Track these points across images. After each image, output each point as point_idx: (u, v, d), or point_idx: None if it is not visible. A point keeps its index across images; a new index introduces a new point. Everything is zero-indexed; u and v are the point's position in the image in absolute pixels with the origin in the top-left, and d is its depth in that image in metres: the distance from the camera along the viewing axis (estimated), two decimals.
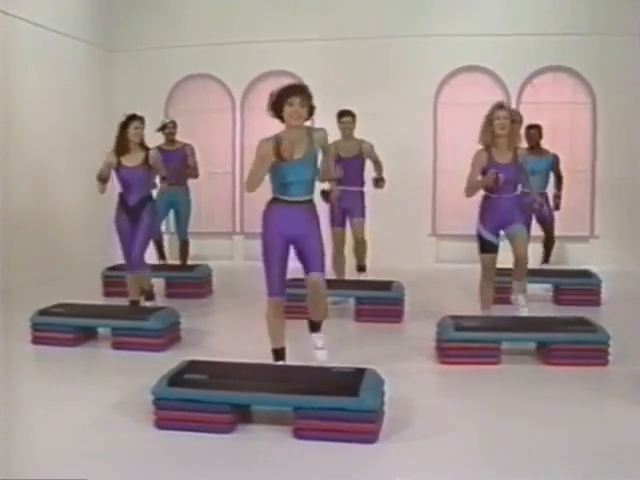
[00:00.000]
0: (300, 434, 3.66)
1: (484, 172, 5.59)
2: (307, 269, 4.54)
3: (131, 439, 3.73)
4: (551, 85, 9.78)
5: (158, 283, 7.81)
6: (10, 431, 3.83)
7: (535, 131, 7.77)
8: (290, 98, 4.34)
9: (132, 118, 6.18)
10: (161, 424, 3.82)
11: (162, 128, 8.28)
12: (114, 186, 6.38)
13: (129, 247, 6.22)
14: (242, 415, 3.87)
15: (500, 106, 5.65)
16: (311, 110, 4.45)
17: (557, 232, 8.09)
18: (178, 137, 8.37)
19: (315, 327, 4.74)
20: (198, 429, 3.73)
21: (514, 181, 5.65)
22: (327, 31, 9.76)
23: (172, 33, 10.16)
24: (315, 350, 4.69)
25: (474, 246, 5.83)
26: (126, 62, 10.33)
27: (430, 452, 3.58)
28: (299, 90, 4.40)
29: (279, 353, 4.55)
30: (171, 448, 3.63)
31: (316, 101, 4.42)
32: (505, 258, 5.80)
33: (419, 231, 9.80)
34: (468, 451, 3.61)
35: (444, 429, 3.85)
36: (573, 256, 9.43)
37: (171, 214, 8.49)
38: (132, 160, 6.18)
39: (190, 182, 8.49)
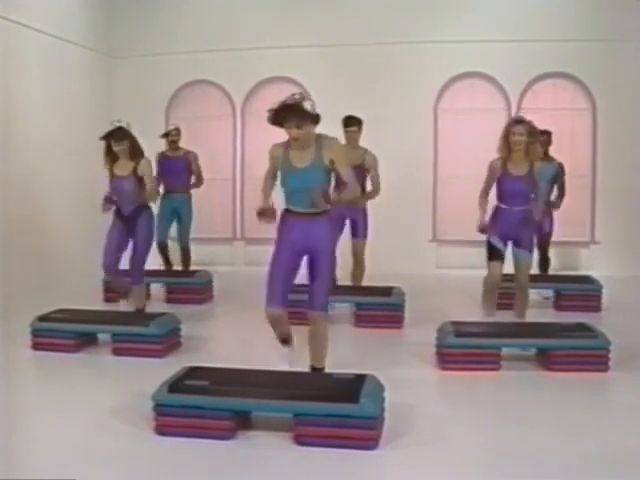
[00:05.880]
0: (300, 440, 3.66)
1: (499, 181, 5.67)
2: (309, 302, 4.43)
3: (131, 445, 3.72)
4: (551, 91, 9.80)
5: (158, 289, 7.84)
6: (10, 437, 3.83)
7: (545, 138, 7.61)
8: (285, 123, 4.24)
9: (109, 136, 6.04)
10: (161, 430, 3.81)
11: (166, 135, 8.28)
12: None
13: (113, 250, 6.09)
14: (242, 421, 3.87)
15: (518, 121, 5.68)
16: (315, 120, 4.28)
17: (557, 238, 8.05)
18: (180, 144, 8.36)
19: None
20: (198, 435, 3.73)
21: (526, 194, 5.66)
22: (328, 37, 9.78)
23: (173, 39, 10.18)
24: None
25: (475, 252, 5.87)
26: (127, 68, 10.35)
27: (430, 458, 3.57)
28: (292, 111, 4.20)
29: (285, 340, 4.65)
30: (171, 454, 3.62)
31: (316, 107, 4.34)
32: (509, 264, 5.79)
33: (419, 237, 9.79)
34: (469, 457, 3.60)
35: (444, 435, 3.85)
36: (573, 262, 9.43)
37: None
38: (122, 169, 6.08)
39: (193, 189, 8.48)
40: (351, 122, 6.90)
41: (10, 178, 7.79)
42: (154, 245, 6.70)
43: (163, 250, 8.23)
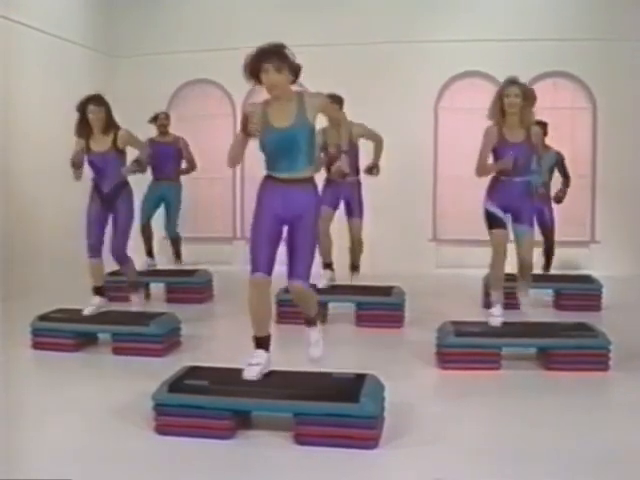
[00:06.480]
0: (300, 440, 3.66)
1: (495, 150, 5.28)
2: (289, 271, 4.03)
3: (131, 445, 3.73)
4: (552, 90, 9.79)
5: (158, 288, 7.83)
6: (10, 436, 3.82)
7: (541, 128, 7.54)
8: (263, 65, 3.85)
9: (87, 101, 5.72)
10: (161, 430, 3.81)
11: (154, 119, 8.06)
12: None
13: (95, 229, 5.84)
14: (242, 421, 3.87)
15: (512, 82, 5.21)
16: (295, 70, 3.97)
17: (558, 237, 8.06)
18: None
19: (309, 322, 4.28)
20: (199, 435, 3.73)
21: (526, 162, 5.25)
22: (327, 37, 9.78)
23: (173, 39, 10.19)
24: (308, 348, 4.22)
25: (475, 251, 5.84)
26: (127, 68, 10.35)
27: (430, 458, 3.57)
28: (271, 53, 3.88)
29: (261, 341, 4.04)
30: (171, 454, 3.62)
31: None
32: (510, 261, 5.74)
33: (420, 236, 9.80)
34: (468, 457, 3.60)
35: (444, 435, 3.85)
36: (574, 261, 9.43)
37: (161, 210, 8.20)
38: (100, 144, 5.77)
39: (190, 181, 8.27)
40: (333, 100, 6.32)
41: (10, 178, 7.79)
42: (136, 226, 6.47)
43: (145, 232, 8.00)
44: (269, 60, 3.86)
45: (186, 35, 10.17)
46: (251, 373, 3.93)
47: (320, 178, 5.40)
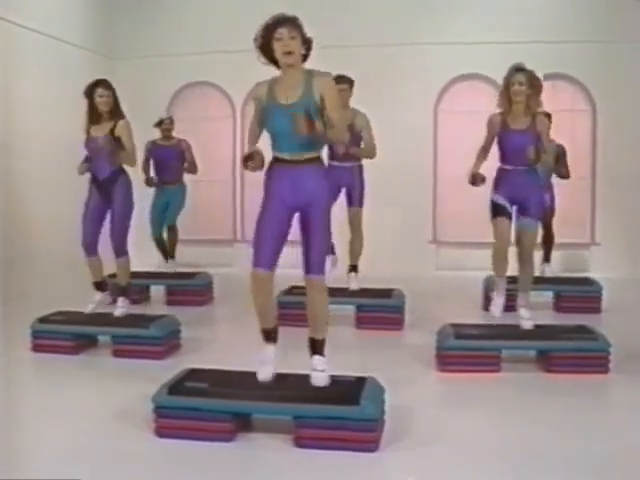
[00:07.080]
0: (301, 443, 3.66)
1: (499, 137, 5.30)
2: (304, 265, 3.90)
3: (131, 447, 3.73)
4: (551, 93, 9.77)
5: (158, 291, 7.83)
6: (10, 438, 3.83)
7: None
8: (276, 32, 3.82)
9: (95, 85, 5.70)
10: (161, 432, 3.81)
11: (159, 124, 8.11)
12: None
13: (90, 226, 5.80)
14: (242, 423, 3.87)
15: (517, 70, 5.21)
16: (307, 44, 3.95)
17: (557, 239, 8.06)
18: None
19: (315, 348, 4.02)
20: (198, 437, 3.73)
21: (531, 149, 5.18)
22: (328, 39, 9.66)
23: (173, 41, 10.18)
24: (312, 371, 3.94)
25: (475, 253, 5.82)
26: (127, 70, 10.33)
27: (431, 461, 3.57)
28: (284, 19, 3.86)
29: (269, 334, 4.00)
30: (171, 456, 3.63)
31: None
32: (511, 265, 5.73)
33: (419, 238, 9.79)
34: (469, 459, 3.60)
35: (445, 437, 3.85)
36: (574, 263, 9.43)
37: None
38: (100, 130, 5.72)
39: (190, 183, 8.31)
40: (342, 80, 6.41)
41: (10, 179, 7.79)
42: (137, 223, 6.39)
43: (159, 244, 8.09)
44: (283, 26, 3.86)
45: (186, 37, 10.16)
46: (266, 375, 3.91)
47: None
